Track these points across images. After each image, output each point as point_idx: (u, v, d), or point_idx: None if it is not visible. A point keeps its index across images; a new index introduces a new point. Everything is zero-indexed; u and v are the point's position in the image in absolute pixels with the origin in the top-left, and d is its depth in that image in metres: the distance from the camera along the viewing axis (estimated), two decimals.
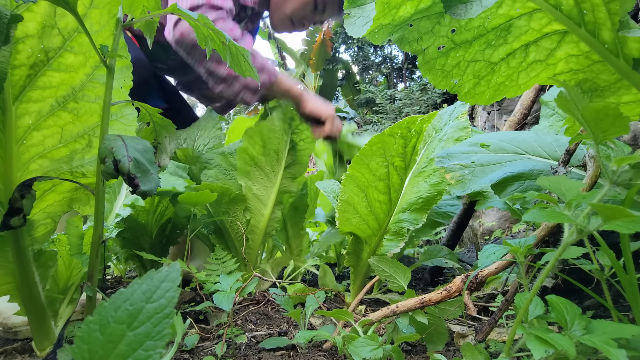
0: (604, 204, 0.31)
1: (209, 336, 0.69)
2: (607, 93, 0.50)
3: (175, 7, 0.55)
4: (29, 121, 0.56)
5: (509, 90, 0.56)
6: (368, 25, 0.53)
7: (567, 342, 0.34)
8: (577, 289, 0.54)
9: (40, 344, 0.62)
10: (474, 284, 0.52)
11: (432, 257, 0.99)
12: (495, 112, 1.88)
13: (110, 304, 0.27)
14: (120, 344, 0.25)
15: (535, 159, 0.66)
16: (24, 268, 0.58)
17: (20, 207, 0.50)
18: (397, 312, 0.58)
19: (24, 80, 0.54)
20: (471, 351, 0.48)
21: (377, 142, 0.87)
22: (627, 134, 0.35)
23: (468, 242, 1.96)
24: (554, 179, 0.41)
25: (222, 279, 0.68)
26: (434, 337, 0.62)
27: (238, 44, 0.64)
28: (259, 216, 1.02)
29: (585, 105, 0.34)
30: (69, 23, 0.55)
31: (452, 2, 0.44)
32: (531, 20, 0.49)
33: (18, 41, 0.53)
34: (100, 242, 0.56)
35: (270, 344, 0.62)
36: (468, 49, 0.53)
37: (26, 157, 0.57)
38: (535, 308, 0.42)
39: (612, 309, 0.45)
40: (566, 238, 0.36)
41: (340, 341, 0.55)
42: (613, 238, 0.45)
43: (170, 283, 0.27)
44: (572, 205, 0.36)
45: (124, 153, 0.44)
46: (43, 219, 0.62)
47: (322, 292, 0.74)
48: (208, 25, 0.57)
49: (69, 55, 0.56)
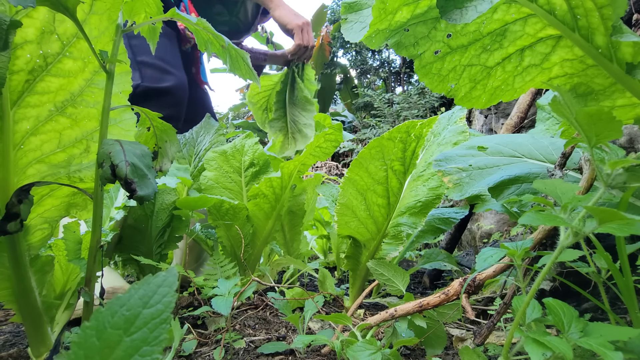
0: (598, 207, 0.31)
1: (207, 341, 0.69)
2: (602, 97, 0.51)
3: (174, 11, 0.55)
4: (27, 126, 0.56)
5: (505, 94, 0.56)
6: (365, 30, 0.53)
7: (564, 345, 0.34)
8: (575, 292, 0.54)
9: (36, 350, 0.61)
10: (471, 287, 0.52)
11: (431, 261, 0.99)
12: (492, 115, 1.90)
13: (107, 309, 0.27)
14: (116, 350, 0.25)
15: (532, 162, 0.66)
16: (20, 273, 0.58)
17: (17, 212, 0.50)
18: (396, 316, 0.58)
19: (23, 85, 0.55)
20: (470, 354, 0.48)
21: (376, 145, 0.87)
22: (620, 137, 0.35)
23: (467, 245, 1.96)
24: (550, 182, 0.41)
25: (220, 283, 0.68)
26: (433, 341, 0.62)
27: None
28: (261, 229, 1.02)
29: (579, 109, 0.34)
30: (68, 29, 0.55)
31: (447, 7, 0.44)
32: (526, 25, 0.50)
33: (17, 47, 0.53)
34: (98, 247, 0.56)
35: (269, 349, 0.62)
36: (464, 54, 0.54)
37: (24, 162, 0.57)
38: (532, 311, 0.42)
39: (609, 312, 0.45)
40: (562, 241, 0.36)
41: (338, 346, 0.54)
42: (610, 241, 0.45)
43: (167, 288, 0.27)
44: (568, 208, 0.36)
45: (121, 158, 0.44)
46: (40, 224, 0.62)
47: (321, 296, 0.74)
48: (207, 29, 0.57)
49: (67, 60, 0.56)
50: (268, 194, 0.98)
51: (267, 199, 0.98)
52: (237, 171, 1.06)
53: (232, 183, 1.05)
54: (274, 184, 0.96)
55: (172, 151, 0.66)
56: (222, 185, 1.05)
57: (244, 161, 1.06)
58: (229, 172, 1.05)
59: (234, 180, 1.06)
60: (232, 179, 1.06)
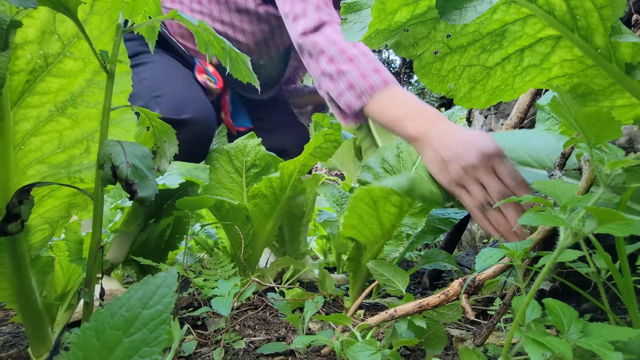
0: (598, 207, 0.32)
1: (207, 342, 0.69)
2: (601, 97, 0.51)
3: (175, 12, 0.55)
4: (28, 127, 0.56)
5: (505, 94, 0.56)
6: (364, 30, 0.54)
7: (564, 345, 0.34)
8: (575, 292, 0.54)
9: (36, 351, 0.61)
10: (471, 288, 0.52)
11: (431, 261, 0.99)
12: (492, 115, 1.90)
13: (107, 310, 0.27)
14: (116, 351, 0.25)
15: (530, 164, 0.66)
16: (21, 274, 0.58)
17: (18, 213, 0.50)
18: (395, 317, 0.58)
19: (23, 85, 0.55)
20: (469, 355, 0.48)
21: None
22: (619, 138, 0.35)
23: (467, 245, 1.96)
24: (550, 182, 0.41)
25: (220, 283, 0.68)
26: (433, 341, 0.62)
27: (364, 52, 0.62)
28: (261, 229, 1.02)
29: (578, 110, 0.34)
30: (69, 29, 0.56)
31: (447, 8, 0.45)
32: (525, 26, 0.50)
33: (17, 47, 0.53)
34: (98, 248, 0.56)
35: (269, 350, 0.62)
36: (463, 54, 0.54)
37: (24, 163, 0.58)
38: (532, 311, 0.42)
39: (609, 312, 0.45)
40: (562, 241, 0.36)
41: (338, 346, 0.54)
42: (609, 241, 0.45)
43: (166, 289, 0.27)
44: (567, 209, 0.36)
45: (122, 159, 0.44)
46: (41, 225, 0.62)
47: (321, 296, 0.74)
48: (208, 31, 0.58)
49: (68, 60, 0.56)
50: (268, 194, 0.97)
51: (266, 199, 0.98)
52: (238, 171, 1.05)
53: (233, 183, 1.05)
54: (273, 184, 0.96)
55: (171, 151, 0.66)
56: (223, 185, 1.05)
57: (246, 161, 1.05)
58: (231, 172, 1.05)
59: (234, 180, 1.05)
60: (234, 179, 1.05)
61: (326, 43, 0.85)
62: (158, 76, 1.03)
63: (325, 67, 0.84)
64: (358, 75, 0.79)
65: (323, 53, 0.84)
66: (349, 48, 0.83)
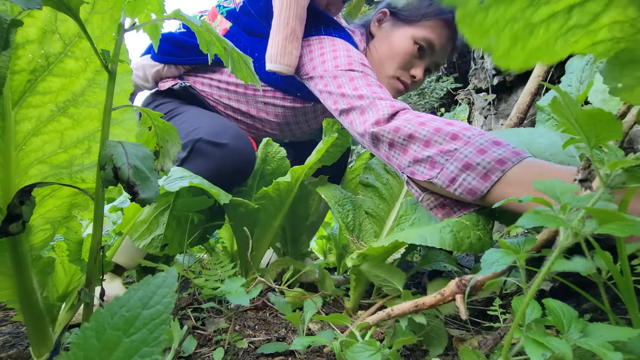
0: (598, 208, 0.31)
1: (207, 342, 0.69)
2: None
3: (177, 12, 0.55)
4: (29, 127, 0.57)
5: (544, 56, 0.48)
6: None
7: (564, 346, 0.34)
8: (575, 292, 0.54)
9: (37, 351, 0.61)
10: (465, 287, 0.52)
11: (431, 262, 0.99)
12: (492, 116, 1.90)
13: (107, 310, 0.27)
14: (116, 351, 0.25)
15: None
16: (22, 274, 0.58)
17: (19, 213, 0.50)
18: (392, 315, 0.58)
19: (24, 85, 0.55)
20: (469, 355, 0.48)
21: None
22: (620, 138, 0.35)
23: None
24: (549, 182, 0.41)
25: (227, 282, 0.68)
26: (434, 340, 0.62)
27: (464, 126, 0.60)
28: (266, 231, 1.02)
29: (579, 110, 0.34)
30: (70, 28, 0.56)
31: None
32: None
33: (18, 46, 0.53)
34: (99, 248, 0.56)
35: (269, 349, 0.62)
36: (509, 6, 0.47)
37: (25, 163, 0.58)
38: (532, 311, 0.42)
39: (610, 312, 0.45)
40: (561, 241, 0.36)
41: (338, 347, 0.54)
42: (610, 241, 0.45)
43: (167, 289, 0.27)
44: (567, 209, 0.36)
45: (124, 160, 0.44)
46: (42, 225, 0.62)
47: (320, 297, 0.74)
48: (210, 31, 0.57)
49: (69, 60, 0.57)
50: (274, 196, 0.98)
51: (272, 201, 0.99)
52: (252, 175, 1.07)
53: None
54: (281, 187, 0.97)
55: (174, 151, 0.66)
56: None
57: (267, 169, 1.07)
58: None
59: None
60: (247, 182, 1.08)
61: (413, 126, 0.70)
62: (195, 117, 1.05)
63: (420, 153, 0.69)
64: (474, 151, 0.63)
65: (413, 137, 0.70)
66: (445, 125, 0.68)
